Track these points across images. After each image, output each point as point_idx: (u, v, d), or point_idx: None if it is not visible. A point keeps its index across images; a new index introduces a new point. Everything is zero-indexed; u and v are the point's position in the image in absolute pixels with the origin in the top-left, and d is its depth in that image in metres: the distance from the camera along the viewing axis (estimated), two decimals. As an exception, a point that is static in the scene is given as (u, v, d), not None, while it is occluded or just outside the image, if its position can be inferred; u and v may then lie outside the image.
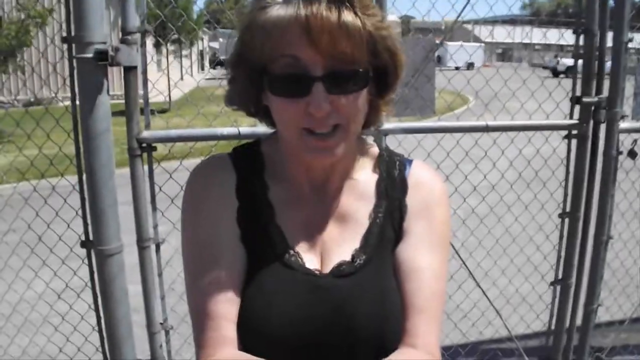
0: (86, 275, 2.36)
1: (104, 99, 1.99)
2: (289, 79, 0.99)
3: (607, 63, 2.82)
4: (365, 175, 1.18)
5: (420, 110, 2.69)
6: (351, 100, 1.01)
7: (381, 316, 1.06)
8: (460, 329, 3.69)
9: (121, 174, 2.20)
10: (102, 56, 1.94)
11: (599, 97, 2.79)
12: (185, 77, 18.08)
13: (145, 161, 2.29)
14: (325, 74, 0.98)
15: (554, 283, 3.06)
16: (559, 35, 3.81)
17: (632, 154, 3.02)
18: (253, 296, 1.06)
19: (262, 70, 1.02)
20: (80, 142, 2.07)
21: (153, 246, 2.38)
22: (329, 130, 1.01)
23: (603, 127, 2.85)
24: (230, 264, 1.07)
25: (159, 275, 2.45)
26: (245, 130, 2.30)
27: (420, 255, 1.11)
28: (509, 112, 3.65)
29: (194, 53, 26.41)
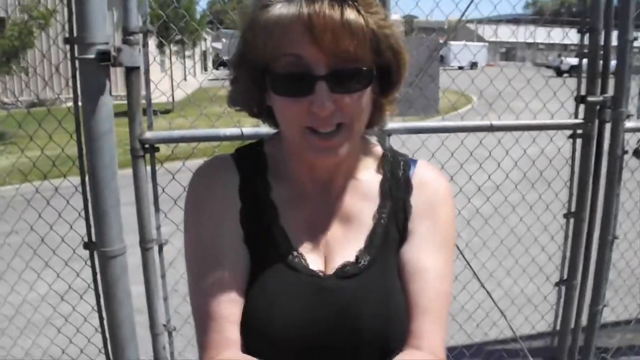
0: (89, 277, 2.36)
1: (107, 100, 1.98)
2: (291, 78, 0.98)
3: (612, 62, 2.81)
4: (369, 176, 1.17)
5: (424, 110, 2.68)
6: (355, 99, 1.00)
7: (386, 317, 1.05)
8: (465, 330, 3.68)
9: (124, 174, 2.19)
10: (105, 57, 1.93)
11: (604, 96, 2.77)
12: (189, 78, 18.12)
13: (148, 162, 2.28)
14: (328, 73, 0.97)
15: (559, 283, 3.05)
16: (563, 34, 3.79)
17: (638, 153, 3.01)
18: (256, 297, 1.05)
19: (265, 69, 1.01)
20: (83, 143, 2.07)
21: (156, 247, 2.37)
22: (332, 130, 1.00)
23: (608, 127, 2.83)
24: (233, 265, 1.06)
25: (162, 276, 2.45)
26: (248, 131, 2.29)
27: (424, 255, 1.10)
28: (513, 112, 3.63)
29: (197, 54, 26.43)
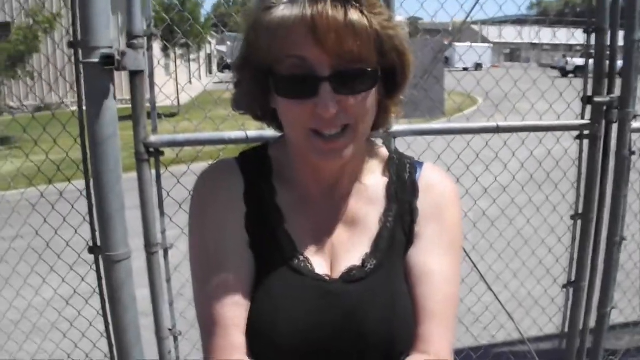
0: (94, 281, 2.36)
1: (111, 104, 1.98)
2: (295, 79, 0.98)
3: (619, 62, 2.79)
4: (375, 179, 1.16)
5: (430, 111, 2.67)
6: (359, 100, 0.99)
7: (392, 321, 1.04)
8: (472, 332, 3.66)
9: (130, 178, 2.19)
10: (109, 61, 1.92)
11: (611, 97, 2.75)
12: (194, 81, 18.17)
13: (152, 166, 2.27)
14: (332, 74, 0.96)
15: (567, 285, 3.02)
16: (569, 34, 3.78)
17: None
18: (261, 302, 1.04)
19: (268, 71, 1.00)
20: (88, 148, 2.06)
21: (161, 251, 2.36)
22: (337, 131, 0.99)
23: (615, 127, 2.81)
24: (238, 269, 1.06)
25: (168, 280, 2.44)
26: (253, 134, 2.28)
27: (431, 258, 1.09)
28: (519, 113, 3.61)
29: (202, 57, 26.48)
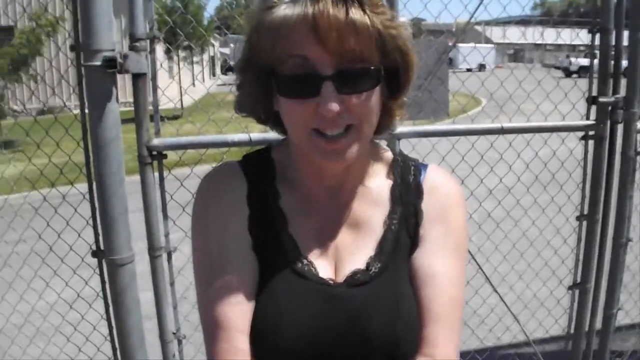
0: (98, 285, 2.35)
1: (113, 107, 1.97)
2: (297, 79, 0.97)
3: (624, 62, 2.77)
4: (379, 181, 1.15)
5: (434, 113, 2.66)
6: (363, 99, 0.99)
7: (396, 324, 1.03)
8: (478, 334, 3.64)
9: (134, 180, 2.18)
10: (111, 64, 1.91)
11: (616, 97, 2.74)
12: (197, 84, 18.20)
13: (156, 169, 2.26)
14: (334, 73, 0.95)
15: (573, 287, 3.01)
16: (573, 34, 3.76)
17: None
18: (265, 306, 1.04)
19: (271, 72, 1.00)
20: (90, 151, 2.05)
21: (165, 255, 2.35)
22: (340, 132, 0.99)
23: (620, 128, 2.80)
24: (242, 272, 1.05)
25: (171, 284, 2.43)
26: (256, 136, 2.27)
27: (436, 261, 1.08)
28: (524, 114, 3.60)
29: (205, 60, 26.52)
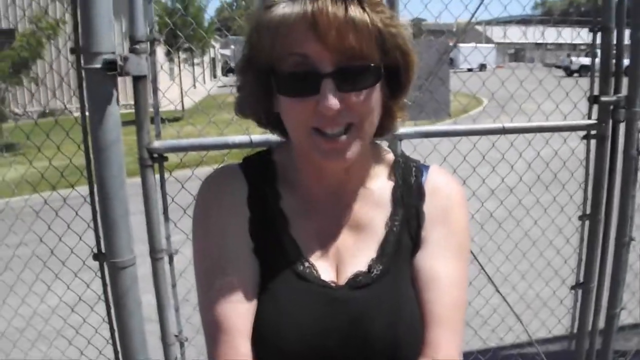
0: (99, 288, 2.34)
1: (114, 110, 1.96)
2: (297, 77, 0.96)
3: (625, 61, 2.77)
4: (381, 183, 1.14)
5: (435, 113, 2.65)
6: (363, 97, 0.98)
7: (398, 326, 1.03)
8: (481, 335, 3.64)
9: (135, 182, 2.18)
10: (111, 66, 1.91)
11: (618, 96, 2.73)
12: (198, 85, 18.20)
13: (156, 171, 2.26)
14: (334, 71, 0.95)
15: (575, 287, 3.00)
16: (575, 34, 3.75)
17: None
18: (267, 309, 1.03)
19: (270, 71, 0.99)
20: (91, 153, 2.05)
21: (166, 257, 2.35)
22: (340, 130, 0.98)
23: (622, 127, 2.79)
24: (243, 275, 1.04)
25: (173, 286, 2.43)
26: (257, 138, 2.26)
27: (438, 263, 1.07)
28: (525, 114, 3.59)
29: (205, 61, 26.54)
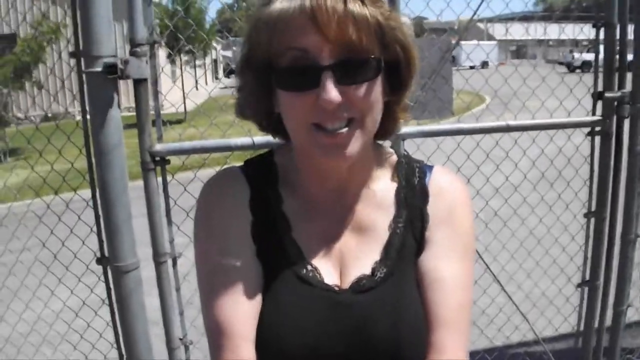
0: (103, 292, 2.33)
1: (115, 113, 1.96)
2: (296, 71, 0.95)
3: (629, 56, 2.75)
4: (384, 184, 1.13)
5: (439, 112, 2.64)
6: (364, 90, 0.96)
7: (400, 327, 1.02)
8: (487, 334, 3.63)
9: (138, 186, 2.17)
10: (111, 70, 1.90)
11: (622, 92, 2.71)
12: (199, 87, 18.19)
13: (159, 174, 2.25)
14: (334, 63, 0.93)
15: (581, 284, 2.99)
16: (577, 29, 3.73)
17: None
18: (270, 313, 1.02)
19: (269, 68, 0.98)
20: (93, 157, 2.04)
21: (170, 261, 2.34)
22: (340, 125, 0.96)
23: (627, 123, 2.77)
24: (245, 278, 1.03)
25: (177, 289, 2.42)
26: (259, 140, 2.25)
27: (443, 264, 1.06)
28: (529, 111, 3.57)
29: (207, 63, 26.55)
